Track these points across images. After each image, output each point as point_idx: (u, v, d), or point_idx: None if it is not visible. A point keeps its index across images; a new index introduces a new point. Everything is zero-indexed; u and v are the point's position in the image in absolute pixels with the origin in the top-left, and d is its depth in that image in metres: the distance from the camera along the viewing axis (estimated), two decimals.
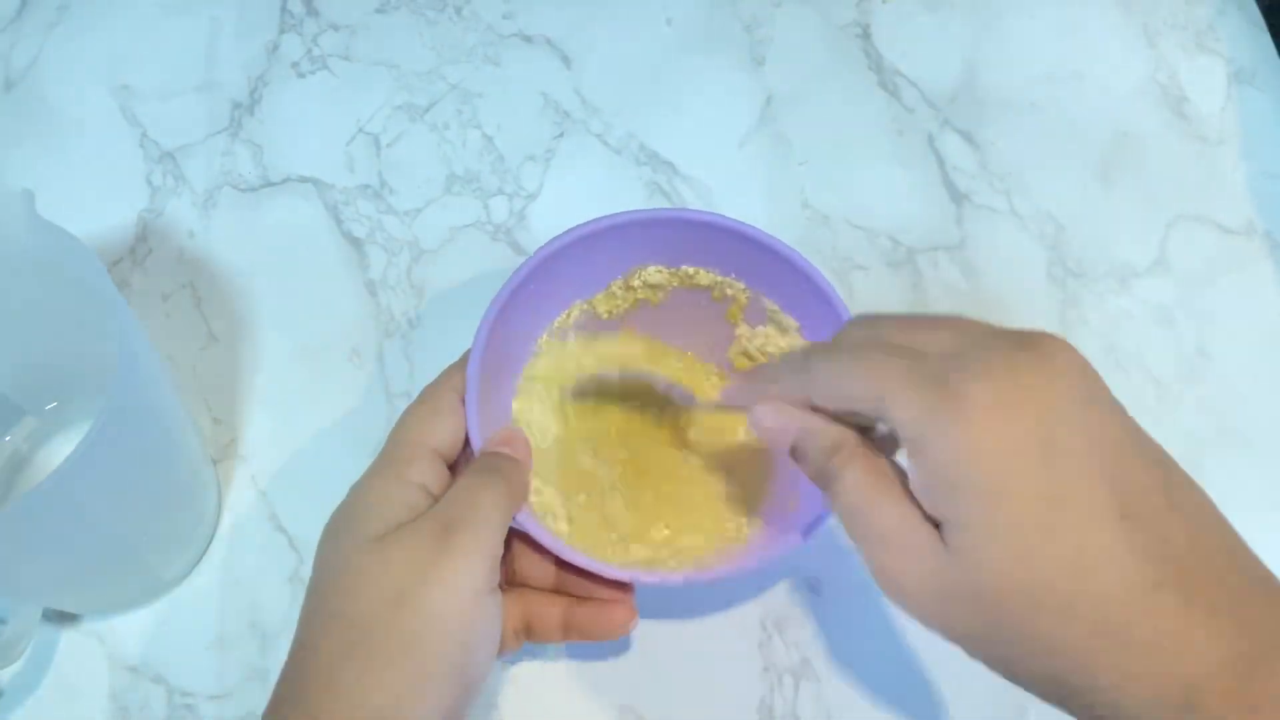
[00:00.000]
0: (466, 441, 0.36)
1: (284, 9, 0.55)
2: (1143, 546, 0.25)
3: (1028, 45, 0.55)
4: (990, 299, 0.48)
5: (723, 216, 0.38)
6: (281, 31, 0.54)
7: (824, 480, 0.30)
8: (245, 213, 0.50)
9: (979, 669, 0.41)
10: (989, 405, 0.25)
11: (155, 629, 0.41)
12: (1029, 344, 0.27)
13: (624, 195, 0.50)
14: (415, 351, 0.47)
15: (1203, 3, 0.56)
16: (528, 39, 0.54)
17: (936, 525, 0.27)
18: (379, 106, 0.52)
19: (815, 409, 0.30)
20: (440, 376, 0.37)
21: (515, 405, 0.41)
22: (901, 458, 0.29)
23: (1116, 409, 0.27)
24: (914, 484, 0.27)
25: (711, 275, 0.41)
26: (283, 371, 0.46)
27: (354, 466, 0.44)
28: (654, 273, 0.41)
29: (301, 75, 0.53)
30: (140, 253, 0.49)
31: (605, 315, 0.42)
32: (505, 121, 0.52)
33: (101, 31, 0.54)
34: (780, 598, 0.42)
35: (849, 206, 0.50)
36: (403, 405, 0.37)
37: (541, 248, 0.38)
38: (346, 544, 0.32)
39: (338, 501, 0.43)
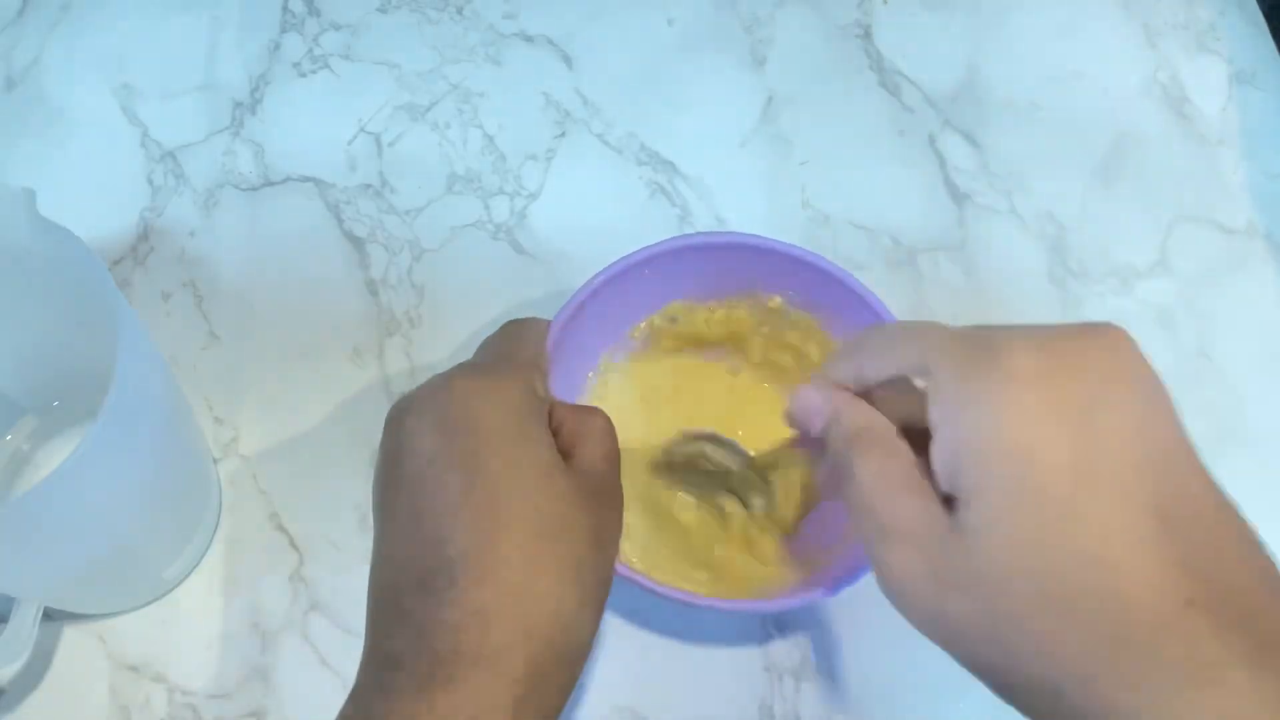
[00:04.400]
0: None
1: (285, 8, 0.55)
2: (1179, 555, 0.22)
3: (1029, 45, 0.55)
4: (991, 299, 0.48)
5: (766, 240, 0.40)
6: (283, 31, 0.54)
7: (840, 469, 0.28)
8: (246, 212, 0.50)
9: None
10: (1032, 370, 0.24)
11: (156, 628, 0.41)
12: (1089, 325, 0.25)
13: (625, 195, 0.50)
14: (416, 351, 0.47)
15: (1203, 3, 0.56)
16: (529, 39, 0.54)
17: (949, 508, 0.25)
18: (380, 106, 0.52)
19: (861, 395, 0.29)
20: None
21: None
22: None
23: (1167, 404, 0.25)
24: (937, 455, 0.25)
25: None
26: (283, 371, 0.46)
27: (354, 466, 0.44)
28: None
29: (303, 75, 0.53)
30: (141, 252, 0.49)
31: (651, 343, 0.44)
32: (506, 121, 0.52)
33: (103, 31, 0.54)
34: None
35: (850, 206, 0.50)
36: None
37: (602, 271, 0.40)
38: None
39: (338, 501, 0.43)
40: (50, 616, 0.41)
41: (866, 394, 0.30)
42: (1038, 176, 0.51)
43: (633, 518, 0.40)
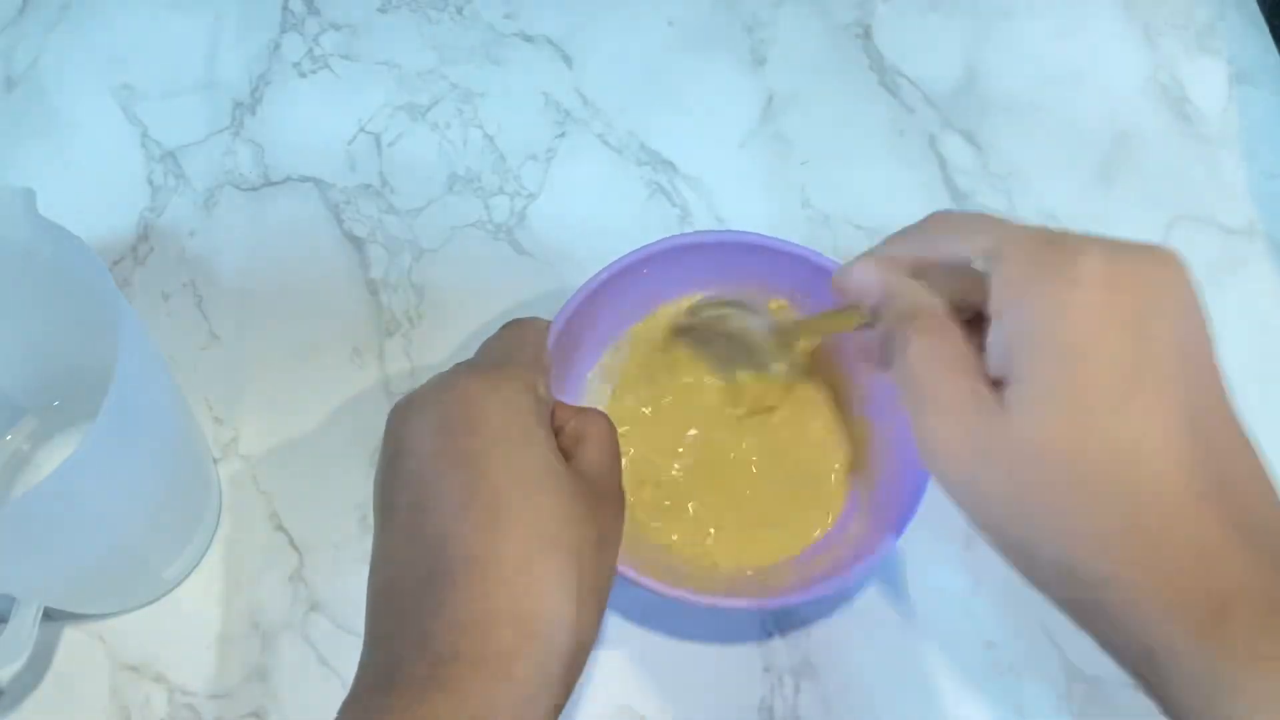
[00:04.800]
0: None
1: (285, 8, 0.55)
2: (1200, 457, 0.25)
3: (1029, 45, 0.55)
4: None
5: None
6: (283, 31, 0.54)
7: (892, 347, 0.29)
8: (246, 212, 0.50)
9: (979, 670, 0.41)
10: (1096, 273, 0.25)
11: (156, 628, 0.41)
12: (1149, 246, 0.27)
13: (625, 195, 0.50)
14: (416, 351, 0.47)
15: (1203, 3, 0.56)
16: (529, 39, 0.54)
17: (997, 389, 0.26)
18: (380, 106, 0.52)
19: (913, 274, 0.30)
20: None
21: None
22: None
23: (1207, 334, 0.27)
24: (994, 339, 0.27)
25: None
26: (284, 371, 0.46)
27: (354, 466, 0.44)
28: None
29: (303, 75, 0.53)
30: (141, 252, 0.49)
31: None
32: (506, 121, 0.52)
33: (103, 31, 0.54)
34: None
35: (850, 206, 0.50)
36: None
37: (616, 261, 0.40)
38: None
39: (338, 501, 0.43)
40: (50, 616, 0.41)
41: (916, 273, 0.30)
42: (1038, 176, 0.51)
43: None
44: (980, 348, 0.28)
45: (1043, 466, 0.25)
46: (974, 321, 0.29)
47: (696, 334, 0.43)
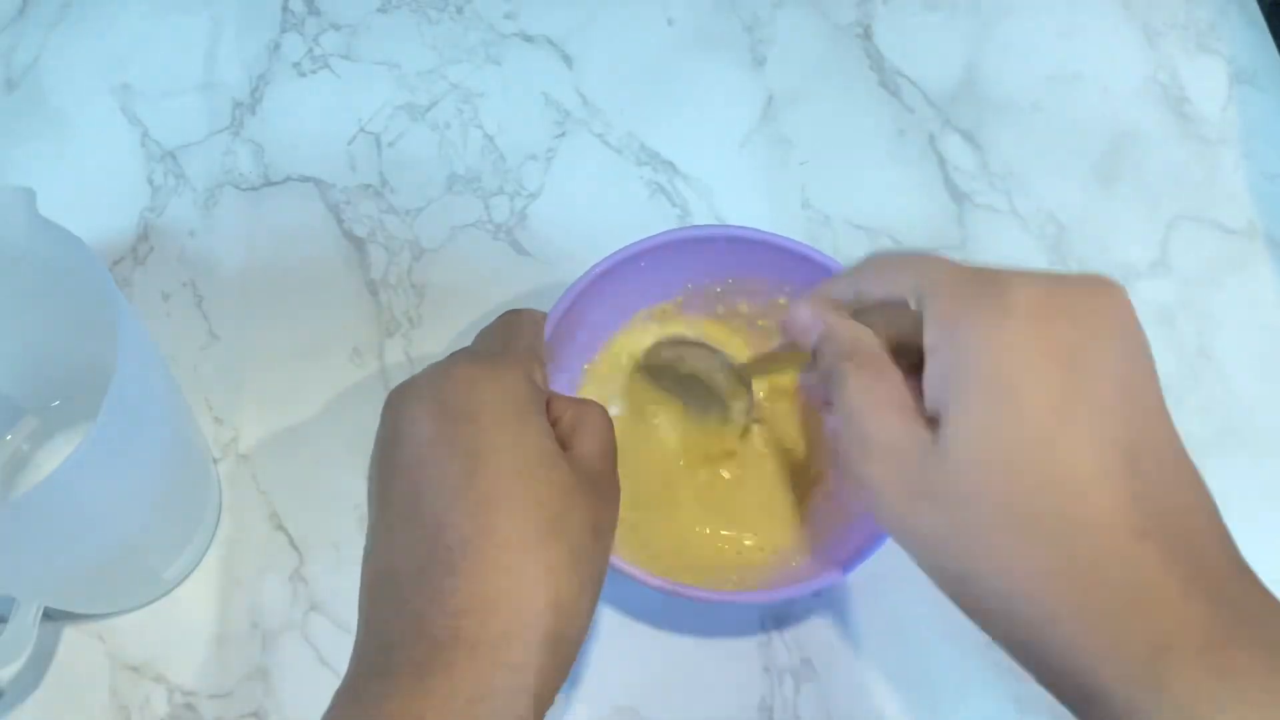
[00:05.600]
0: None
1: (285, 8, 0.55)
2: (1138, 492, 0.24)
3: (1029, 45, 0.55)
4: None
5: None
6: (283, 31, 0.54)
7: (830, 384, 0.29)
8: (246, 212, 0.50)
9: (978, 671, 0.41)
10: (1029, 307, 0.25)
11: (156, 628, 0.41)
12: (1086, 276, 0.27)
13: (625, 195, 0.50)
14: (416, 351, 0.47)
15: (1203, 3, 0.56)
16: (529, 39, 0.54)
17: (933, 425, 0.26)
18: (380, 106, 0.52)
19: (854, 315, 0.30)
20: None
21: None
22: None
23: (1150, 363, 0.26)
24: (928, 376, 0.27)
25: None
26: (284, 371, 0.46)
27: (354, 466, 0.44)
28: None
29: (303, 74, 0.53)
30: (141, 252, 0.49)
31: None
32: (506, 121, 0.52)
33: (103, 31, 0.54)
34: None
35: (850, 206, 0.50)
36: None
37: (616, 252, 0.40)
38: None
39: (338, 501, 0.43)
40: (50, 616, 0.41)
41: (859, 314, 0.31)
42: (1038, 176, 0.51)
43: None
44: (919, 388, 0.28)
45: (978, 506, 0.25)
46: (920, 363, 0.28)
47: (655, 372, 0.43)
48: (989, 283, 0.26)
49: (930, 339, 0.27)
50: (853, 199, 0.50)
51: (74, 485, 0.31)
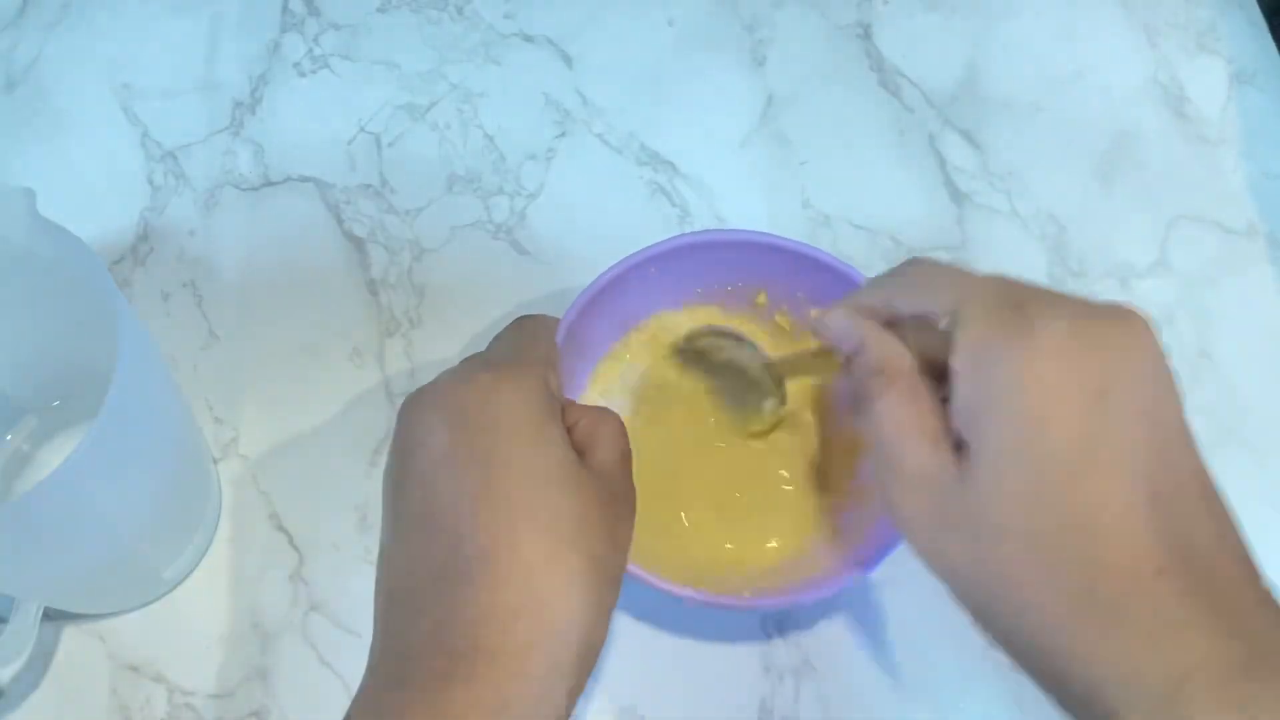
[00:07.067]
0: None
1: (285, 8, 0.55)
2: (1162, 529, 0.24)
3: (1029, 45, 0.55)
4: None
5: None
6: (283, 31, 0.54)
7: (860, 400, 0.29)
8: (246, 212, 0.50)
9: (978, 671, 0.41)
10: (1059, 342, 0.25)
11: (156, 628, 0.41)
12: (1114, 307, 0.27)
13: (625, 195, 0.50)
14: (416, 351, 0.47)
15: (1203, 3, 0.56)
16: (529, 39, 0.54)
17: (960, 452, 0.27)
18: (380, 106, 0.52)
19: (889, 326, 0.30)
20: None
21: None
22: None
23: (1176, 398, 0.27)
24: (955, 404, 0.27)
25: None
26: (284, 371, 0.46)
27: (354, 466, 0.44)
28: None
29: (303, 74, 0.53)
30: (141, 252, 0.49)
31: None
32: (506, 121, 0.52)
33: (103, 31, 0.54)
34: None
35: (850, 206, 0.50)
36: None
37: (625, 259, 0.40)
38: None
39: (338, 501, 0.43)
40: (50, 616, 0.41)
41: (892, 322, 0.31)
42: (1038, 176, 0.51)
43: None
44: (948, 401, 0.28)
45: (1005, 541, 0.25)
46: (946, 376, 0.29)
47: (691, 356, 0.43)
48: (1019, 314, 0.26)
49: (958, 364, 0.27)
50: (853, 199, 0.50)
51: (74, 485, 0.31)
